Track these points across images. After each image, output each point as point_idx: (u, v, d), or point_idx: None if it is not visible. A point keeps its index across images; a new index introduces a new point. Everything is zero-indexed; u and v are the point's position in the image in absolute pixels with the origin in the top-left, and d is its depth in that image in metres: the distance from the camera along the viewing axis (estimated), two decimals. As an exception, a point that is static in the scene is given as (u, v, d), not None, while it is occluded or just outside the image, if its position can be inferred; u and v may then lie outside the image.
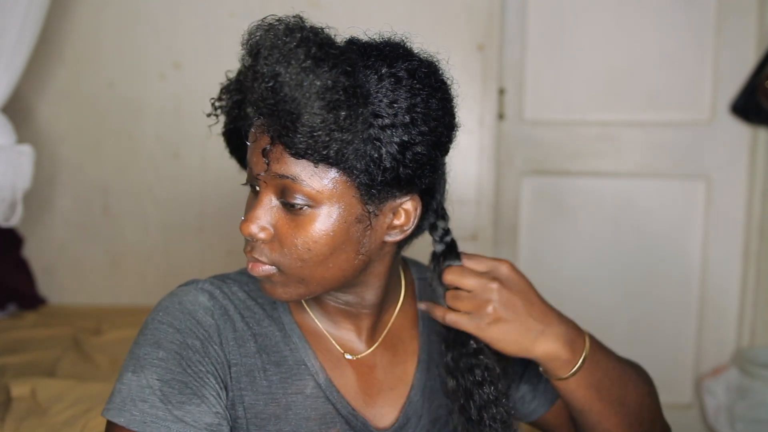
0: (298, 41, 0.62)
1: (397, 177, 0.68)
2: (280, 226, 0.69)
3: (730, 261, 2.21)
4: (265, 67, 0.62)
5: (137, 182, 2.26)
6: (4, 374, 1.57)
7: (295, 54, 0.61)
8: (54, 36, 2.18)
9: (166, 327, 0.74)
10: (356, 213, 0.69)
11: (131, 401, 0.69)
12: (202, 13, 2.20)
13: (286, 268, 0.70)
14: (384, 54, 0.69)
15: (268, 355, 0.77)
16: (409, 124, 0.67)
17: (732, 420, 2.05)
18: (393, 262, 0.78)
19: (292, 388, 0.77)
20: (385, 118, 0.66)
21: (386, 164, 0.67)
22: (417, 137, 0.67)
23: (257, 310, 0.79)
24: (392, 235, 0.73)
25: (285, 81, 0.61)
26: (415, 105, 0.67)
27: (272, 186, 0.69)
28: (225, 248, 2.25)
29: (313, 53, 0.61)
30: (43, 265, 2.29)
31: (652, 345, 2.25)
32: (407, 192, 0.71)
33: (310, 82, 0.61)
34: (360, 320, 0.81)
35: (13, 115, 1.80)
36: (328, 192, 0.67)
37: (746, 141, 2.16)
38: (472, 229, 2.18)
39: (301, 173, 0.66)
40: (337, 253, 0.69)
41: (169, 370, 0.71)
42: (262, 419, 0.75)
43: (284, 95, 0.61)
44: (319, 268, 0.70)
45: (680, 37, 2.16)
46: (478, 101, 2.14)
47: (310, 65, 0.61)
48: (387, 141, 0.66)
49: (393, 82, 0.67)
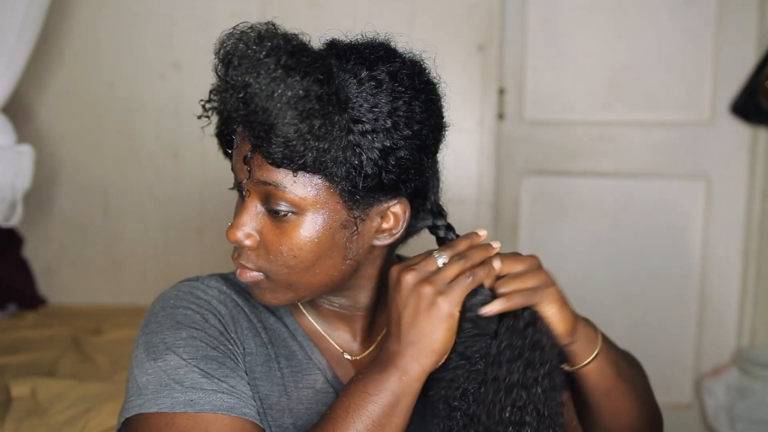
0: (268, 50, 0.60)
1: (381, 182, 0.67)
2: (266, 232, 0.69)
3: (730, 261, 2.21)
4: (236, 78, 0.60)
5: (137, 182, 2.26)
6: (4, 374, 1.57)
7: (265, 64, 0.60)
8: (54, 36, 2.18)
9: (182, 310, 0.73)
10: (341, 219, 0.68)
11: (166, 386, 0.67)
12: (202, 13, 2.20)
13: (273, 274, 0.69)
14: (364, 57, 0.68)
15: (278, 348, 0.77)
16: (390, 128, 0.66)
17: (732, 420, 2.05)
18: (385, 264, 0.77)
19: (303, 382, 0.77)
20: (366, 123, 0.65)
21: (367, 171, 0.66)
22: (399, 142, 0.66)
23: (261, 308, 0.79)
24: (381, 239, 0.72)
25: (255, 92, 0.60)
26: (396, 109, 0.66)
27: (256, 192, 0.68)
28: (225, 248, 2.24)
29: (283, 62, 0.60)
30: (43, 265, 2.29)
31: (652, 345, 2.25)
32: (394, 196, 0.70)
33: (281, 92, 0.59)
34: (354, 322, 0.80)
35: (13, 115, 1.80)
36: (312, 199, 0.66)
37: (746, 141, 2.16)
38: (472, 229, 2.17)
39: (283, 180, 0.66)
40: (323, 259, 0.69)
41: (199, 347, 0.70)
42: (277, 411, 0.75)
43: (255, 106, 0.60)
44: (306, 274, 0.69)
45: (680, 37, 2.16)
46: (478, 101, 2.14)
47: (281, 75, 0.59)
48: (368, 147, 0.65)
49: (373, 86, 0.66)
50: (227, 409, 0.66)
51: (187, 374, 0.67)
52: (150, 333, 0.72)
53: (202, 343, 0.70)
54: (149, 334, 0.72)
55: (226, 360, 0.70)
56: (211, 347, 0.70)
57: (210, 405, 0.66)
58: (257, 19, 0.65)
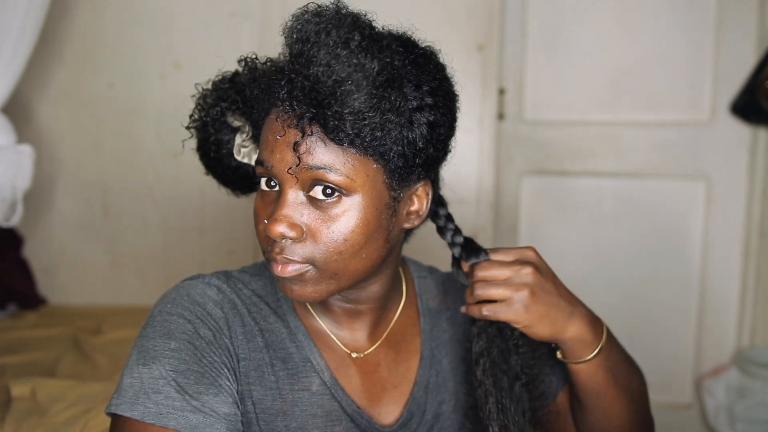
0: (350, 24, 0.63)
1: (427, 159, 0.70)
2: (312, 220, 0.67)
3: (730, 261, 2.21)
4: (322, 51, 0.61)
5: (137, 182, 2.26)
6: (4, 374, 1.57)
7: (352, 36, 0.62)
8: (54, 36, 2.18)
9: (176, 318, 0.73)
10: (385, 199, 0.69)
11: (144, 394, 0.68)
12: (202, 13, 2.20)
13: (322, 263, 0.68)
14: (401, 41, 0.71)
15: (275, 351, 0.77)
16: (433, 105, 0.69)
17: (732, 420, 2.05)
18: (400, 253, 0.79)
19: (298, 384, 0.77)
20: (413, 100, 0.68)
21: (420, 145, 0.68)
22: (441, 118, 0.70)
23: (263, 307, 0.79)
24: (410, 221, 0.74)
25: (345, 61, 0.61)
26: (436, 87, 0.70)
27: (301, 180, 0.67)
28: (225, 248, 2.25)
29: (367, 34, 0.63)
30: (43, 265, 2.29)
31: (652, 345, 2.25)
32: (425, 177, 0.73)
33: (369, 61, 0.62)
34: (362, 317, 0.81)
35: (13, 115, 1.80)
36: (362, 179, 0.66)
37: (746, 141, 2.16)
38: (472, 229, 2.18)
39: (335, 162, 0.65)
40: (370, 241, 0.69)
41: (183, 360, 0.70)
42: (270, 414, 0.75)
43: (345, 76, 0.61)
44: (353, 259, 0.69)
45: (680, 37, 2.16)
46: (478, 101, 2.14)
47: (367, 45, 0.62)
48: (418, 123, 0.68)
49: (415, 67, 0.69)
50: (191, 428, 0.67)
51: (163, 387, 0.68)
52: (145, 336, 0.73)
53: (187, 356, 0.70)
54: (144, 338, 0.73)
55: (206, 374, 0.70)
56: (195, 360, 0.70)
57: (175, 422, 0.67)
58: (258, 19, 0.65)
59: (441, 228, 0.82)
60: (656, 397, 1.07)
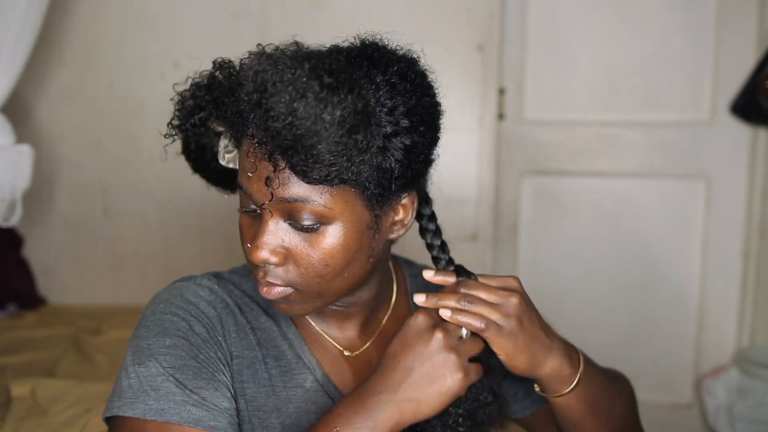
0: (308, 72, 0.58)
1: (406, 179, 0.69)
2: (293, 246, 0.67)
3: (730, 261, 2.21)
4: (279, 105, 0.58)
5: (137, 182, 2.26)
6: (4, 374, 1.57)
7: (309, 87, 0.58)
8: (54, 36, 2.18)
9: (169, 317, 0.73)
10: (366, 220, 0.68)
11: (143, 392, 0.68)
12: (202, 13, 2.20)
13: (304, 286, 0.69)
14: (374, 60, 0.68)
15: (267, 349, 0.78)
16: (409, 127, 0.66)
17: (732, 420, 2.05)
18: (388, 259, 0.79)
19: (291, 381, 0.77)
20: (387, 126, 0.65)
21: (396, 172, 0.67)
22: (418, 138, 0.67)
23: (254, 306, 0.80)
24: (395, 232, 0.74)
25: (303, 116, 0.57)
26: (412, 108, 0.67)
27: (278, 210, 0.67)
28: (225, 248, 2.25)
29: (326, 82, 0.59)
30: (43, 265, 2.29)
31: (652, 345, 2.25)
32: (408, 189, 0.72)
33: (329, 112, 0.58)
34: (352, 318, 0.81)
35: (12, 115, 1.80)
36: (340, 206, 0.66)
37: (746, 141, 2.16)
38: (472, 229, 2.18)
39: (311, 193, 0.64)
40: (353, 262, 0.69)
41: (180, 356, 0.70)
42: (264, 412, 0.75)
43: (303, 131, 0.58)
44: (336, 280, 0.69)
45: (680, 37, 2.16)
46: (478, 101, 2.14)
47: (326, 95, 0.58)
48: (394, 148, 0.66)
49: (389, 89, 0.66)
50: (194, 422, 0.67)
51: (162, 383, 0.68)
52: (138, 337, 0.73)
53: (183, 352, 0.70)
54: (138, 338, 0.73)
55: (204, 370, 0.71)
56: (191, 356, 0.71)
57: (177, 416, 0.67)
58: (258, 19, 0.65)
59: (422, 228, 0.81)
60: (656, 397, 1.07)
